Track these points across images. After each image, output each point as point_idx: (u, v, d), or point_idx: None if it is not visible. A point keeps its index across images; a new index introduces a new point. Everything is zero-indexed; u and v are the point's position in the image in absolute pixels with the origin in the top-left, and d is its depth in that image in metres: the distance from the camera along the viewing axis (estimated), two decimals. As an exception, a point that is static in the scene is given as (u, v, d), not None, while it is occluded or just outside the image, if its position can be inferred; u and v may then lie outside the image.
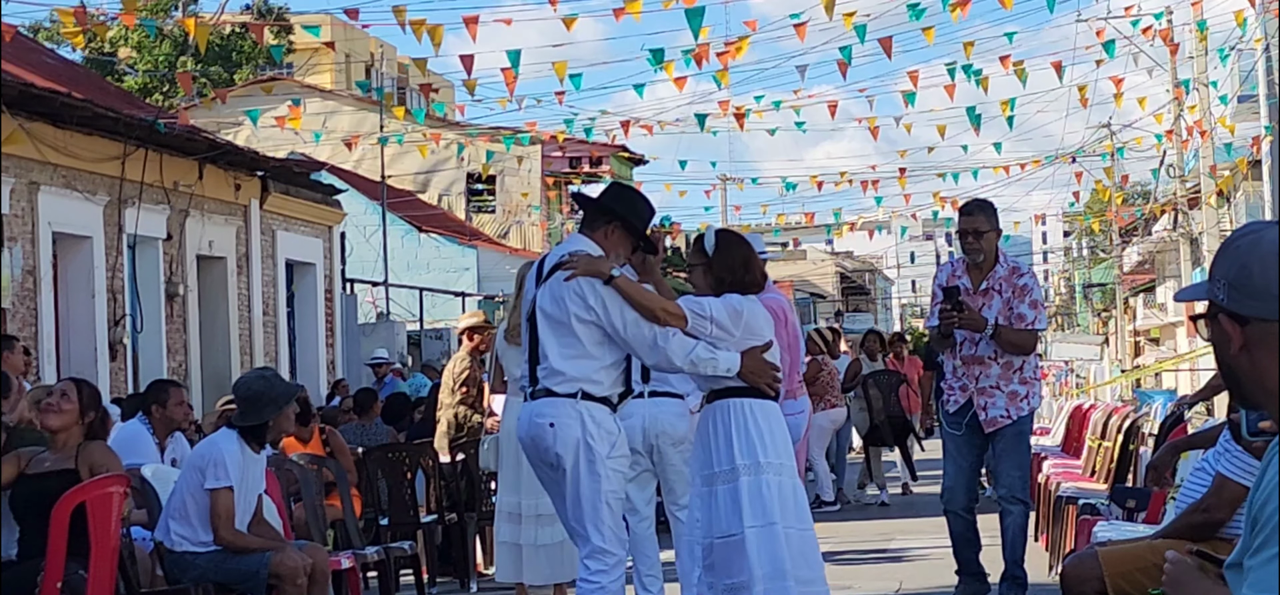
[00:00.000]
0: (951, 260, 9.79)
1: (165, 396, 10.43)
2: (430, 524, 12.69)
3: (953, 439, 9.50)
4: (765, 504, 7.30)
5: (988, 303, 9.29)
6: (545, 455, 7.17)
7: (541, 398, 7.14)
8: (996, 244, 9.44)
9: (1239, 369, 2.94)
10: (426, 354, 28.72)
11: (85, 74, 24.60)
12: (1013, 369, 9.32)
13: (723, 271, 7.47)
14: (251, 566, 8.37)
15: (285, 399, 8.60)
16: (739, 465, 7.32)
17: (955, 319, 9.17)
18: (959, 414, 9.42)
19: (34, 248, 16.07)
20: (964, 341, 9.33)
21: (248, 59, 44.33)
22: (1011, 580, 9.44)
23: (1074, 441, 15.13)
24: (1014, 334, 9.26)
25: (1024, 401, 9.35)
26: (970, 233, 9.36)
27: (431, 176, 38.60)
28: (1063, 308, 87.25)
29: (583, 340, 7.08)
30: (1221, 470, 6.34)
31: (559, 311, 7.10)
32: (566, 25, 16.73)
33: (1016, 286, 9.34)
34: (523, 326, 7.49)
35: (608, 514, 7.17)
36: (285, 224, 22.19)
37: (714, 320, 7.24)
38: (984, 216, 9.45)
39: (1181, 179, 37.71)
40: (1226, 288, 2.93)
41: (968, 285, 9.34)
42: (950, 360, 9.46)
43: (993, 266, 9.37)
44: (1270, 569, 2.76)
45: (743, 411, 7.37)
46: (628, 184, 7.92)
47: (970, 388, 9.36)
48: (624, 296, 7.05)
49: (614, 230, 7.26)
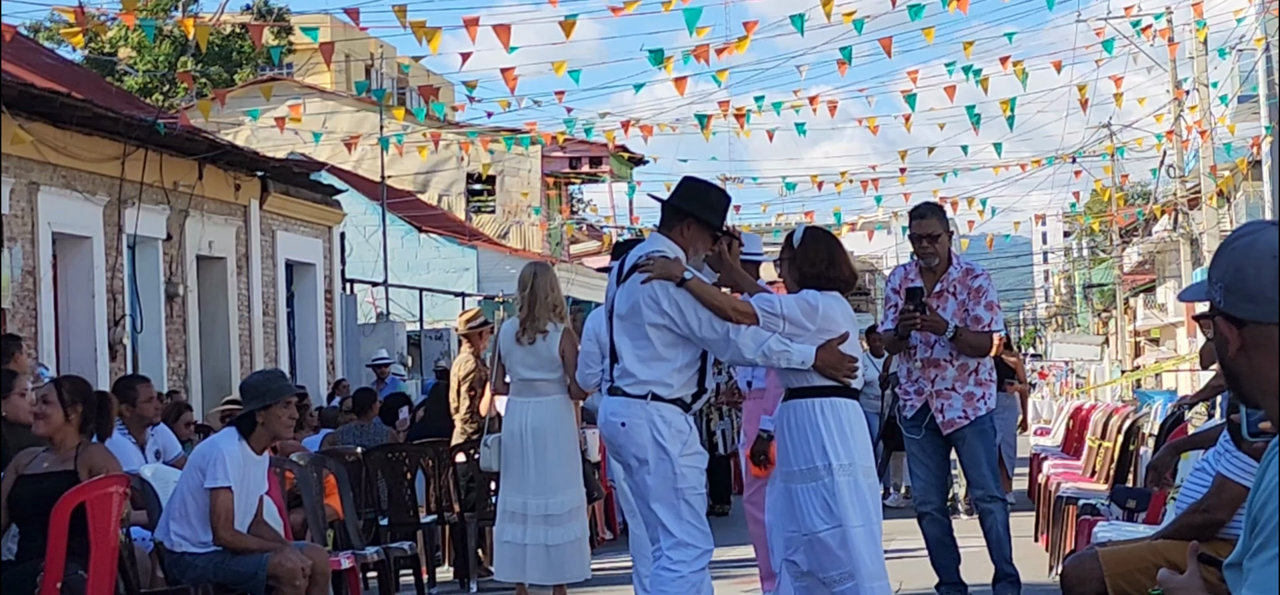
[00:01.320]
0: (904, 265, 9.74)
1: (133, 395, 10.43)
2: (430, 524, 12.70)
3: (914, 443, 9.50)
4: (835, 507, 7.40)
5: (942, 305, 9.28)
6: (620, 452, 7.45)
7: (615, 397, 7.40)
8: (949, 247, 9.43)
9: (1238, 370, 2.94)
10: (427, 354, 28.73)
11: (85, 74, 24.59)
12: (969, 371, 9.30)
13: (805, 266, 7.58)
14: (250, 567, 8.37)
15: (274, 395, 8.54)
16: (818, 466, 7.45)
17: (918, 320, 9.16)
18: (917, 418, 9.40)
19: (34, 248, 16.07)
20: (919, 344, 9.31)
21: (248, 60, 44.34)
22: (1005, 579, 9.40)
23: (1074, 442, 15.15)
24: (972, 336, 9.24)
25: (980, 401, 9.33)
26: (924, 236, 9.32)
27: (431, 177, 38.59)
28: (1063, 308, 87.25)
29: (655, 343, 7.29)
30: (1221, 471, 6.34)
31: (634, 314, 7.32)
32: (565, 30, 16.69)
33: (971, 289, 9.30)
34: (603, 325, 7.72)
35: (686, 508, 7.37)
36: (285, 224, 22.19)
37: (786, 317, 7.34)
38: (936, 219, 9.46)
39: (1181, 179, 37.71)
40: (1223, 290, 2.93)
41: (921, 288, 9.32)
42: (905, 364, 9.45)
43: (946, 269, 9.35)
44: (1270, 570, 2.76)
45: (814, 411, 7.47)
46: (701, 179, 7.96)
47: (927, 390, 9.34)
48: (697, 298, 7.21)
49: (689, 227, 7.41)
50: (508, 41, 16.51)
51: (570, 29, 16.71)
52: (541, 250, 37.99)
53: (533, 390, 9.99)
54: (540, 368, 9.95)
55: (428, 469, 12.71)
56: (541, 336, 9.94)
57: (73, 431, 8.23)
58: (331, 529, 11.02)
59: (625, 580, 10.02)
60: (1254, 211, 32.89)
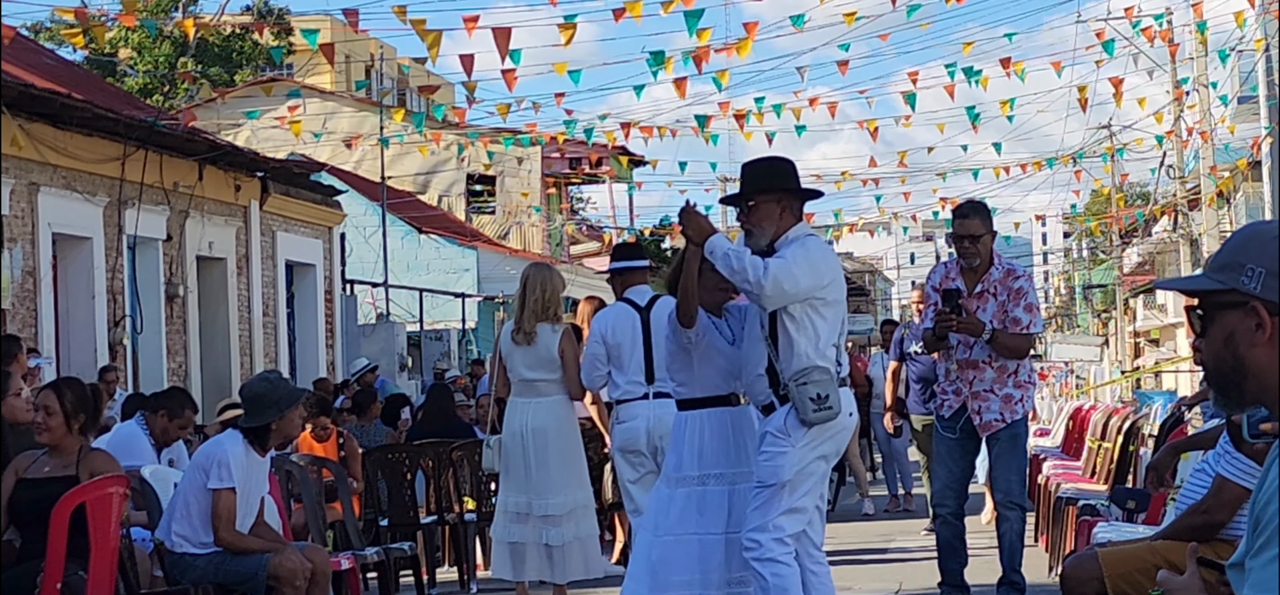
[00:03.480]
0: (945, 263, 9.70)
1: (177, 410, 10.47)
2: (430, 524, 12.70)
3: (945, 442, 9.45)
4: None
5: (982, 306, 9.22)
6: None
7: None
8: (991, 247, 9.38)
9: (1253, 363, 2.89)
10: (427, 355, 28.72)
11: (85, 75, 24.59)
12: (1007, 372, 9.26)
13: None
14: (250, 568, 8.36)
15: (288, 401, 8.56)
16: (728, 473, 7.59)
17: (954, 322, 9.11)
18: (954, 418, 9.36)
19: (34, 249, 16.08)
20: (958, 345, 9.27)
21: (248, 60, 44.33)
22: (1009, 585, 9.40)
23: (1074, 442, 15.14)
24: (1010, 338, 9.19)
25: (1018, 405, 9.29)
26: (966, 237, 9.25)
27: (431, 177, 38.58)
28: (1063, 309, 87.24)
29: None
30: (1221, 472, 6.34)
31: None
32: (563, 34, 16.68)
33: (1012, 290, 9.25)
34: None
35: None
36: (285, 225, 22.20)
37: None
38: (979, 219, 9.36)
39: (1181, 180, 37.70)
40: (1263, 276, 2.88)
41: (962, 288, 9.28)
42: (944, 364, 9.40)
43: (987, 269, 9.27)
44: (1271, 570, 2.76)
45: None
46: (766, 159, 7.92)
47: (965, 392, 9.30)
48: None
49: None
50: (507, 46, 16.50)
51: (569, 34, 16.70)
52: (542, 251, 37.99)
53: (533, 390, 9.98)
54: (540, 368, 9.94)
55: (427, 470, 12.71)
56: (536, 338, 9.91)
57: (75, 438, 8.24)
58: (331, 530, 11.02)
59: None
60: (1254, 212, 32.89)
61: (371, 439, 14.08)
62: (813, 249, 7.31)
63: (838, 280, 7.41)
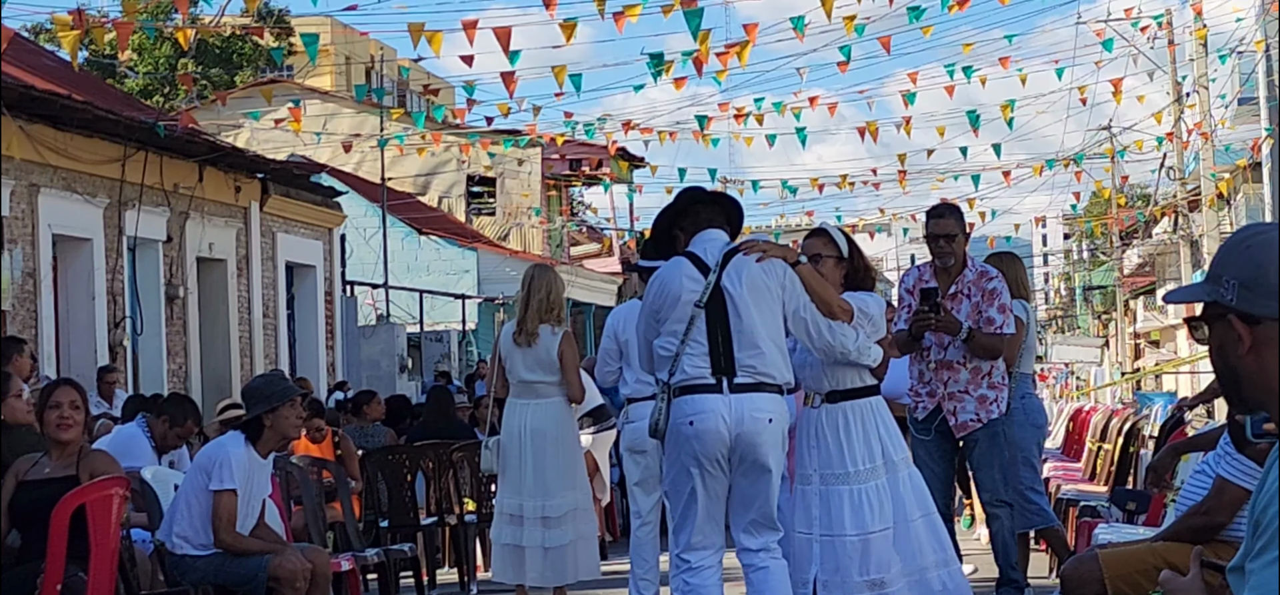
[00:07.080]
0: (918, 266, 9.70)
1: (182, 419, 10.48)
2: (430, 526, 12.70)
3: (923, 445, 9.42)
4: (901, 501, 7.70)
5: (956, 307, 9.22)
6: (754, 451, 7.20)
7: (758, 392, 7.16)
8: (965, 248, 9.40)
9: (1244, 371, 2.91)
10: (427, 356, 28.73)
11: (85, 76, 24.60)
12: (981, 373, 9.25)
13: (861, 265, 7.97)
14: (251, 570, 8.36)
15: (280, 397, 8.53)
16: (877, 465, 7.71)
17: (932, 321, 9.13)
18: (928, 420, 9.34)
19: (34, 250, 16.08)
20: (932, 346, 9.29)
21: (248, 61, 44.34)
22: (1008, 584, 9.39)
23: (1074, 444, 15.15)
24: (985, 338, 9.19)
25: (993, 405, 9.28)
26: (941, 236, 9.27)
27: (431, 179, 38.59)
28: (1063, 310, 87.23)
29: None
30: (1222, 473, 6.34)
31: (761, 296, 7.24)
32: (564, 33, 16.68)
33: (985, 291, 9.25)
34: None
35: None
36: (285, 226, 22.20)
37: (869, 315, 7.67)
38: (953, 220, 9.39)
39: (1181, 181, 37.70)
40: (1238, 288, 2.90)
41: (937, 289, 9.30)
42: (917, 365, 9.41)
43: (961, 271, 9.29)
44: (1271, 572, 2.76)
45: (868, 411, 7.79)
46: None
47: (939, 393, 9.29)
48: (806, 283, 7.35)
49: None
50: (507, 47, 16.50)
51: (570, 33, 16.69)
52: (542, 252, 37.99)
53: (532, 392, 9.98)
54: (539, 370, 9.94)
55: (428, 471, 12.71)
56: (537, 339, 9.91)
57: (81, 438, 8.27)
58: (331, 531, 11.02)
59: (625, 582, 10.00)
60: (1254, 214, 32.89)
61: (371, 440, 14.09)
62: None
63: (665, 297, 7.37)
